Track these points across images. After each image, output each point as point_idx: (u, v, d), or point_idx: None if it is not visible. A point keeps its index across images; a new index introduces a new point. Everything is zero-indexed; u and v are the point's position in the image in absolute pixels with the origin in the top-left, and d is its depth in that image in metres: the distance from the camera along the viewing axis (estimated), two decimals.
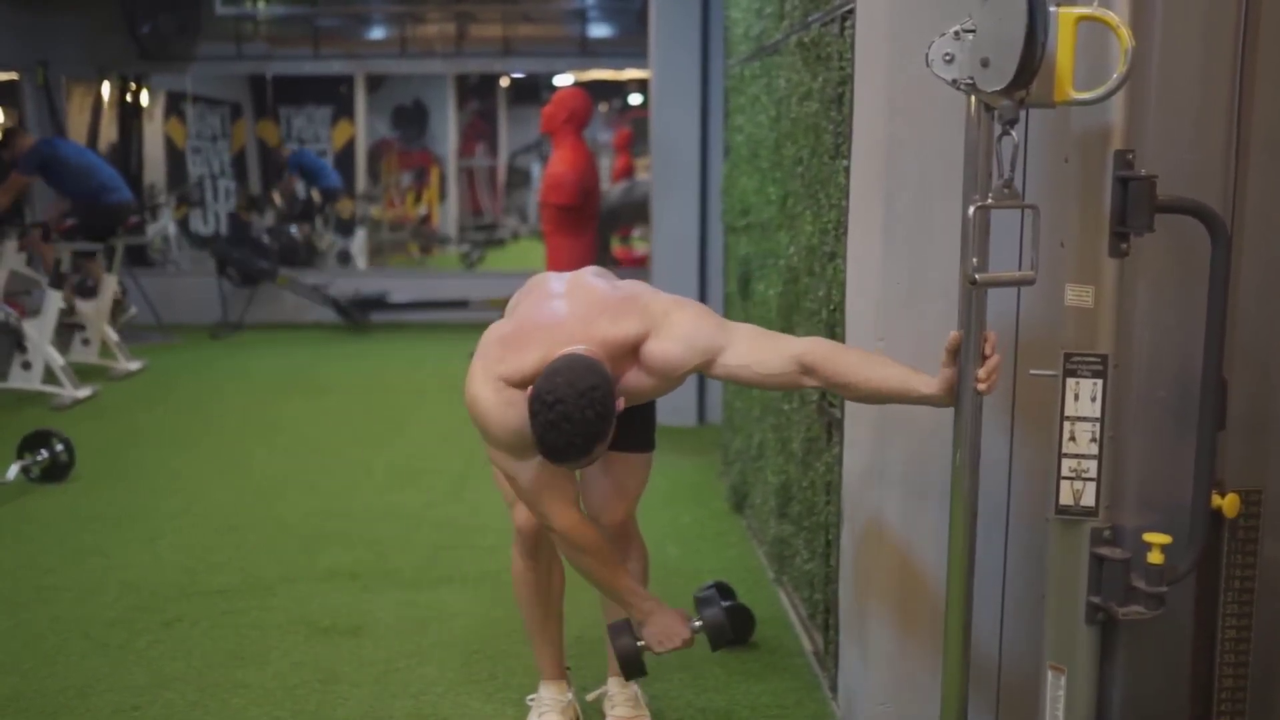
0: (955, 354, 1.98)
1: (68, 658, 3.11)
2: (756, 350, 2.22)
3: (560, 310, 2.29)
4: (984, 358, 1.96)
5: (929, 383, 2.03)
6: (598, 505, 2.56)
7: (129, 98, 10.15)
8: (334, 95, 11.16)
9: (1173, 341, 1.88)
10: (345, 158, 11.22)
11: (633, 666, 2.41)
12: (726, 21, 4.72)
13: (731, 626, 2.43)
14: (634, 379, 2.24)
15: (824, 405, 2.92)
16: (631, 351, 2.22)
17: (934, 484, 2.37)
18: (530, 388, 2.13)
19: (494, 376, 2.21)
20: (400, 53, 10.82)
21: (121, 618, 3.38)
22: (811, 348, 2.20)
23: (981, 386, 1.95)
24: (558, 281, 2.41)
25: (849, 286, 2.61)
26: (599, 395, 2.08)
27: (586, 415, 2.06)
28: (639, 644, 2.38)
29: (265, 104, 11.17)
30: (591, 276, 2.41)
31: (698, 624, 2.39)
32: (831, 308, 2.77)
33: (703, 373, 2.28)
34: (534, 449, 2.19)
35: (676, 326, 2.23)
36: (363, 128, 11.20)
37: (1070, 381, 1.85)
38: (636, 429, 2.51)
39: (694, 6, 5.54)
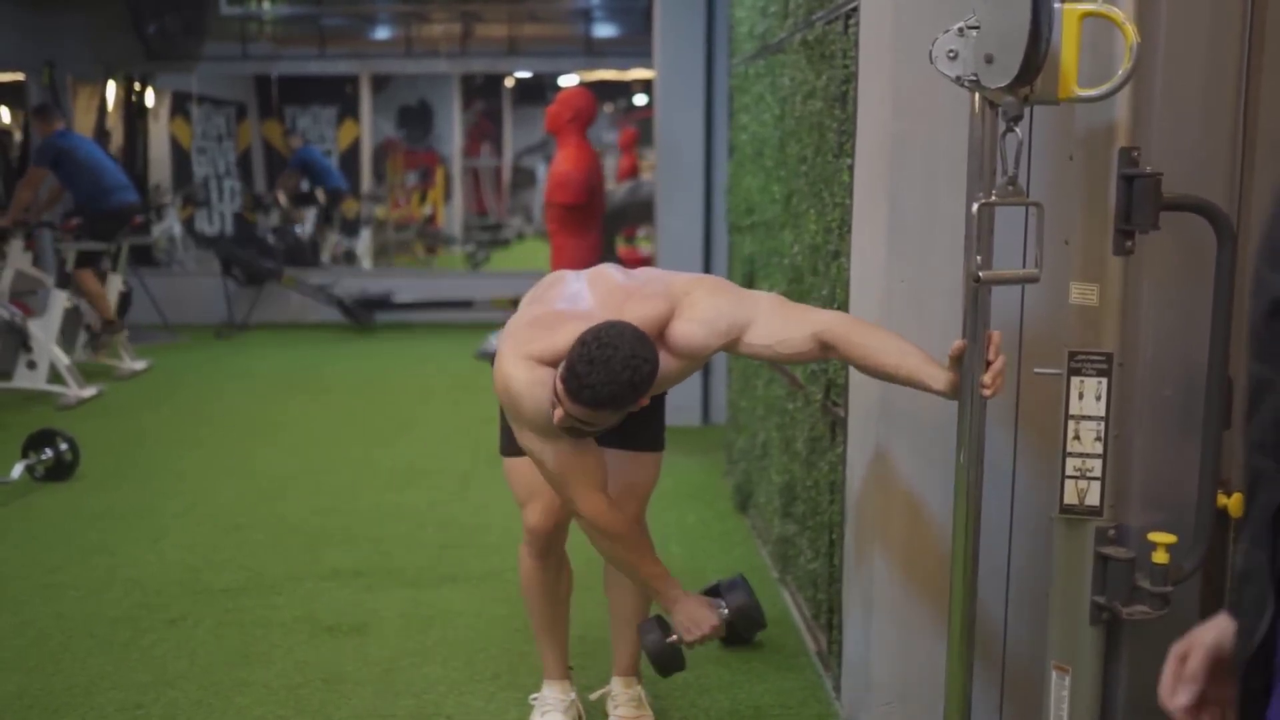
0: (959, 361, 1.97)
1: (72, 655, 3.11)
2: (780, 328, 2.23)
3: (587, 299, 2.30)
4: (988, 362, 1.94)
5: (938, 379, 2.03)
6: None
7: (134, 98, 10.16)
8: (339, 95, 11.18)
9: (1178, 340, 1.87)
10: (350, 158, 11.23)
11: (665, 661, 2.39)
12: (731, 20, 4.71)
13: (754, 619, 2.41)
14: (662, 361, 2.24)
15: (828, 404, 2.92)
16: (659, 334, 2.23)
17: (938, 483, 2.36)
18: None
19: (525, 355, 2.20)
20: (405, 52, 10.83)
21: (126, 616, 3.38)
22: (832, 324, 2.21)
23: (986, 392, 1.94)
24: (576, 277, 2.42)
25: (853, 285, 2.61)
26: (645, 370, 2.08)
27: (623, 375, 2.05)
28: (669, 638, 2.37)
29: (270, 104, 11.19)
30: (609, 269, 2.43)
31: (725, 610, 2.38)
32: (835, 306, 2.77)
33: (728, 350, 2.29)
34: (557, 444, 2.20)
35: (697, 308, 2.24)
36: (368, 128, 11.21)
37: (1075, 380, 1.85)
38: (648, 429, 2.51)
39: (699, 6, 5.53)
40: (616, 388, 2.06)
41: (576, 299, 2.30)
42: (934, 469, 2.37)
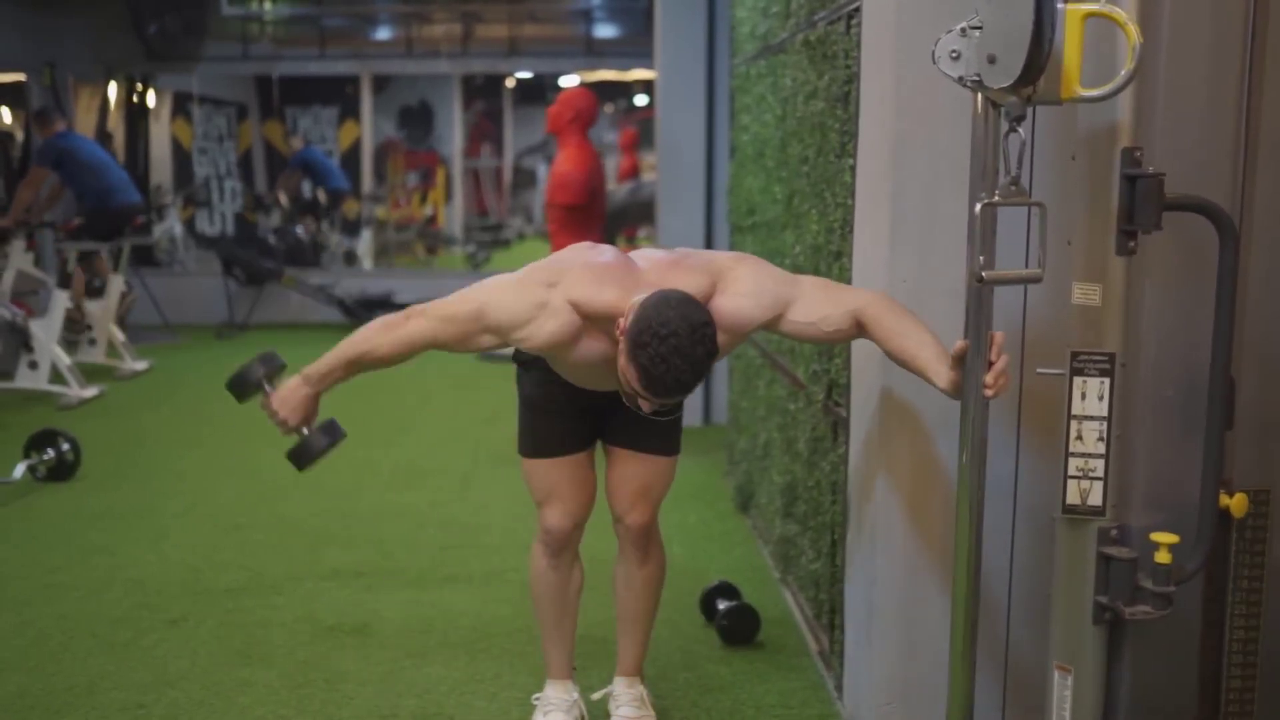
0: (961, 360, 1.97)
1: (74, 655, 3.11)
2: (824, 305, 2.24)
3: (636, 262, 2.30)
4: (989, 363, 1.94)
5: (942, 377, 2.04)
6: (623, 506, 2.56)
7: (135, 98, 10.16)
8: (340, 96, 11.18)
9: (1180, 340, 1.87)
10: (351, 158, 11.24)
11: (236, 382, 2.36)
12: (732, 20, 4.71)
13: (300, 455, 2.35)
14: None
15: (829, 405, 2.92)
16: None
17: (940, 483, 2.37)
18: (622, 320, 2.12)
19: (564, 291, 2.19)
20: (406, 53, 10.83)
21: (127, 616, 3.38)
22: (869, 304, 2.21)
23: (989, 393, 1.94)
24: (613, 249, 2.40)
25: (855, 285, 2.60)
26: (710, 332, 2.08)
27: (697, 352, 2.05)
28: (264, 385, 2.36)
29: (271, 104, 11.19)
30: (648, 249, 2.43)
31: (306, 431, 2.37)
32: None
33: (768, 329, 2.28)
34: (488, 338, 2.21)
35: (742, 282, 2.25)
36: (369, 128, 11.21)
37: (1077, 380, 1.85)
38: (664, 432, 2.51)
39: (700, 6, 5.54)
40: (696, 364, 2.06)
41: (626, 261, 2.30)
42: (936, 469, 2.38)
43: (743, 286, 2.24)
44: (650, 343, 2.04)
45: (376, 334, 2.31)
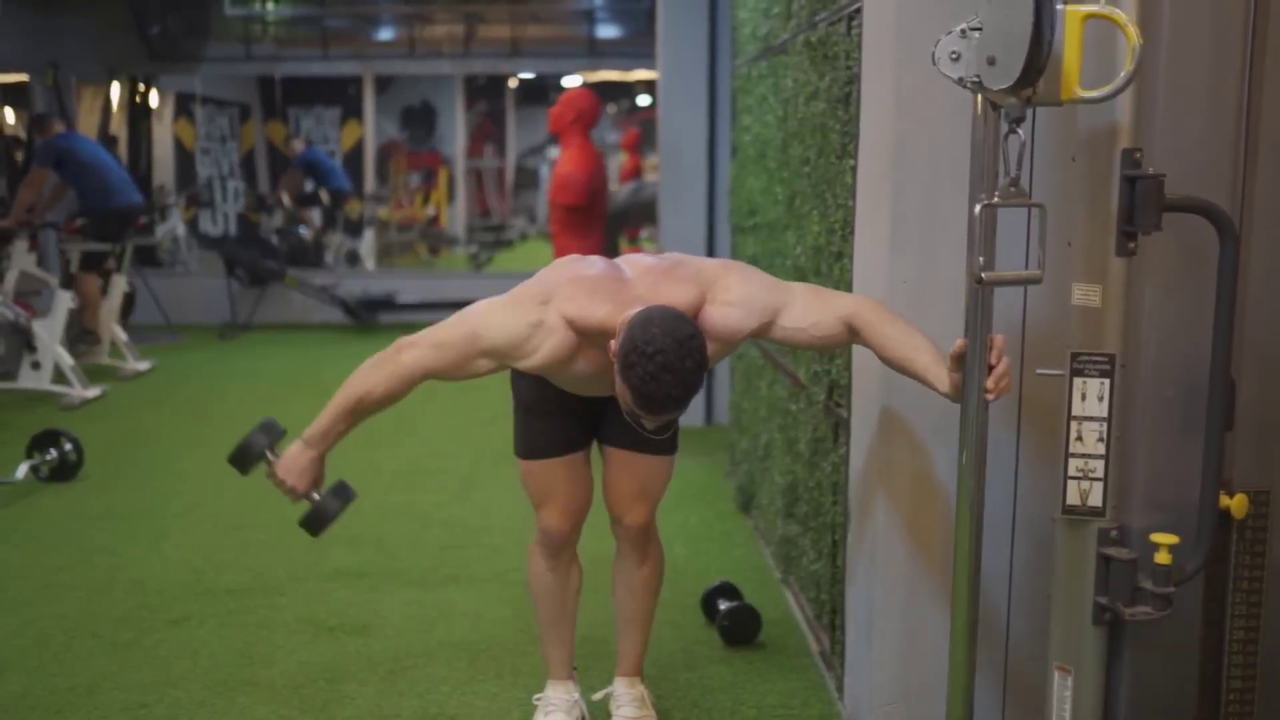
0: (960, 360, 1.97)
1: (75, 655, 3.12)
2: (813, 311, 2.24)
3: (625, 272, 2.29)
4: (990, 366, 1.94)
5: (942, 381, 2.04)
6: (621, 506, 2.56)
7: (138, 99, 10.17)
8: (342, 96, 11.19)
9: (1180, 341, 1.87)
10: (354, 158, 11.25)
11: (238, 455, 2.38)
12: (734, 21, 4.72)
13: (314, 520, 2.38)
14: None
15: (830, 405, 2.92)
16: (691, 317, 2.21)
17: (940, 484, 2.37)
18: (614, 341, 2.12)
19: (560, 310, 2.19)
20: (408, 54, 10.84)
21: (129, 616, 3.39)
22: (859, 309, 2.22)
23: (990, 396, 1.94)
24: (601, 258, 2.40)
25: (856, 286, 2.61)
26: (697, 344, 2.08)
27: (686, 365, 2.05)
28: (267, 454, 2.36)
29: (274, 105, 11.20)
30: (638, 255, 2.43)
31: (316, 496, 2.38)
32: None
33: (759, 336, 2.29)
34: (485, 362, 2.22)
35: (732, 290, 2.25)
36: (371, 128, 11.21)
37: (1077, 381, 1.85)
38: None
39: (702, 7, 5.54)
40: (686, 377, 2.06)
41: (616, 271, 2.30)
42: (936, 470, 2.38)
43: (731, 295, 2.24)
44: (638, 363, 2.05)
45: (369, 374, 2.33)
